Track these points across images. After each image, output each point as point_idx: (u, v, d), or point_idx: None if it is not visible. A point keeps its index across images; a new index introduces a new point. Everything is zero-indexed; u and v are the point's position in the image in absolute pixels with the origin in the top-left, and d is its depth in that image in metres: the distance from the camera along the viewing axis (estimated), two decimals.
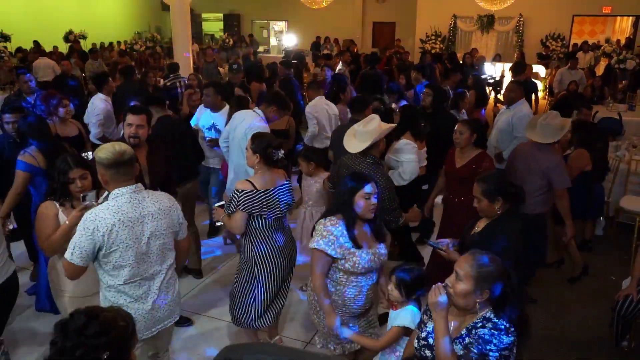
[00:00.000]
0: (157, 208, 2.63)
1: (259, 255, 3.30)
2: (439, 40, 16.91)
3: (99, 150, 2.60)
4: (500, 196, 2.90)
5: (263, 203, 3.18)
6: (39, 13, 16.81)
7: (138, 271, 2.60)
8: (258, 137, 3.28)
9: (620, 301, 3.72)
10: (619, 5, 14.89)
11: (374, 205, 2.73)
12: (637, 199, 5.63)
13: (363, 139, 3.63)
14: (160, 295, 2.71)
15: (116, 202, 2.52)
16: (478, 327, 2.07)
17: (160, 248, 2.67)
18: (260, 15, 21.71)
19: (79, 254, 2.45)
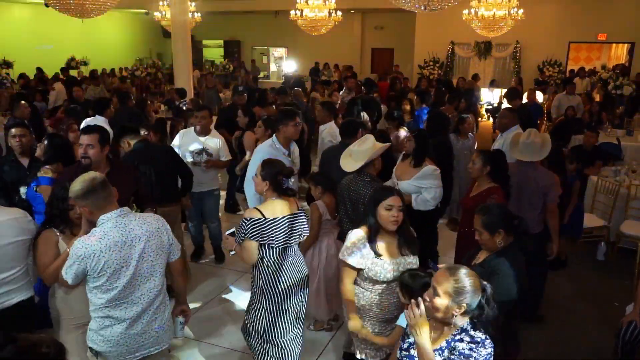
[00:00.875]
0: (144, 230, 2.65)
1: (267, 285, 3.17)
2: (437, 66, 17.10)
3: (72, 187, 2.61)
4: (502, 229, 2.81)
5: (273, 232, 3.07)
6: (41, 40, 17.03)
7: (125, 294, 2.60)
8: (268, 164, 3.21)
9: (623, 327, 3.68)
10: (614, 32, 15.12)
11: (395, 217, 2.82)
12: (637, 224, 5.63)
13: (358, 158, 3.71)
14: (148, 320, 2.70)
15: (102, 228, 2.57)
16: (457, 341, 2.14)
17: (149, 271, 2.67)
18: (260, 42, 22.01)
19: (72, 274, 2.57)
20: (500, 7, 11.15)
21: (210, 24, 18.05)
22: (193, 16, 13.15)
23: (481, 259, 2.92)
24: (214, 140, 5.36)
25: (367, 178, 3.73)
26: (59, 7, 7.48)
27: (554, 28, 15.41)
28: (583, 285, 5.27)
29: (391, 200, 2.83)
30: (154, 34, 21.33)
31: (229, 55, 21.80)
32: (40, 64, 15.31)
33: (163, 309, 2.79)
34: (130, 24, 21.32)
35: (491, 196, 3.91)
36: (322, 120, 6.31)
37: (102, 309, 2.61)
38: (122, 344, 2.64)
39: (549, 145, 4.29)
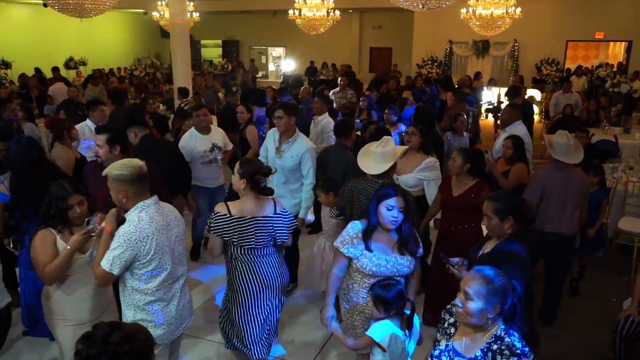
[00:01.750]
0: (175, 216, 2.87)
1: (236, 280, 3.17)
2: (435, 65, 17.14)
3: (114, 169, 2.67)
4: (512, 215, 2.89)
5: (235, 230, 3.04)
6: (40, 40, 17.03)
7: (171, 274, 2.76)
8: (246, 162, 3.17)
9: (621, 322, 3.71)
10: (611, 30, 15.18)
11: (395, 218, 2.82)
12: (635, 220, 5.65)
13: (384, 160, 3.61)
14: (182, 296, 2.89)
15: (147, 213, 2.65)
16: (494, 351, 2.07)
17: (182, 252, 2.88)
18: (258, 42, 22.02)
19: (118, 264, 2.56)
20: (498, 5, 11.20)
21: (209, 23, 18.08)
22: (191, 16, 13.17)
23: (489, 248, 2.96)
24: (218, 134, 5.49)
25: (386, 181, 3.61)
26: (58, 7, 7.49)
27: (552, 26, 15.46)
28: (582, 281, 5.30)
29: (393, 201, 2.82)
30: (153, 33, 21.35)
31: (228, 55, 21.82)
32: (39, 65, 15.31)
33: (186, 284, 2.99)
34: (129, 24, 21.33)
35: (483, 190, 3.94)
36: (318, 111, 6.53)
37: (153, 294, 2.69)
38: (172, 322, 2.80)
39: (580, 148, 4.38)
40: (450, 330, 2.29)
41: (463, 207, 4.03)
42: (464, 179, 4.07)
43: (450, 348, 2.23)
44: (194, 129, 5.41)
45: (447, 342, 2.25)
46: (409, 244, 2.92)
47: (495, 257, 2.82)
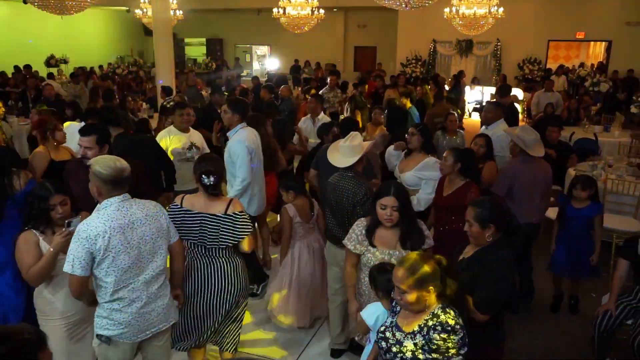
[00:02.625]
0: (144, 214, 2.77)
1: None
2: (419, 64, 17.24)
3: (96, 162, 2.69)
4: (493, 223, 2.79)
5: (183, 223, 3.16)
6: (19, 38, 16.75)
7: (130, 275, 2.70)
8: (201, 159, 3.31)
9: (599, 317, 3.78)
10: (591, 31, 15.41)
11: (389, 217, 2.98)
12: (614, 217, 5.75)
13: (351, 154, 3.74)
14: (154, 298, 2.81)
15: (105, 211, 2.65)
16: (430, 328, 2.27)
17: (151, 252, 2.78)
18: (242, 40, 21.93)
19: (78, 264, 2.56)
20: (481, 5, 11.28)
21: (193, 21, 17.96)
22: (175, 14, 13.06)
23: (470, 254, 2.91)
24: (196, 135, 5.48)
25: (350, 174, 3.76)
26: (37, 4, 7.39)
27: (534, 26, 15.65)
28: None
29: (385, 200, 2.98)
30: (135, 31, 21.14)
31: (212, 53, 21.69)
32: (19, 62, 15.07)
33: (165, 287, 2.92)
34: (111, 22, 21.08)
35: (470, 191, 3.98)
36: (313, 111, 6.51)
37: (111, 293, 2.67)
38: (134, 324, 2.75)
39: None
40: (397, 308, 2.47)
41: (451, 207, 4.06)
42: (454, 179, 4.10)
43: (394, 324, 2.40)
44: (172, 127, 5.37)
45: (392, 319, 2.44)
46: (410, 239, 3.04)
47: (474, 264, 2.81)
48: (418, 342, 2.28)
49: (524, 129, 4.63)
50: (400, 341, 2.32)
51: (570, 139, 8.27)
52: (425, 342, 2.26)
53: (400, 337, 2.33)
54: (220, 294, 3.23)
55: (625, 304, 3.72)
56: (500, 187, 4.47)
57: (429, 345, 2.24)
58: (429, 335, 2.26)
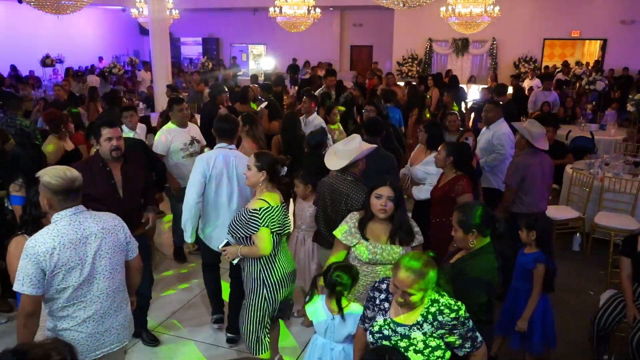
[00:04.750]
0: (100, 227, 2.59)
1: (262, 271, 3.30)
2: (416, 63, 17.25)
3: (45, 173, 2.50)
4: (476, 229, 2.73)
5: (278, 219, 3.27)
6: (14, 37, 16.68)
7: (82, 292, 2.54)
8: (262, 155, 3.34)
9: (598, 314, 3.80)
10: (587, 29, 15.47)
11: (383, 207, 2.96)
12: (611, 215, 5.79)
13: (343, 157, 3.67)
14: (109, 317, 2.66)
15: (55, 225, 2.49)
16: (434, 314, 2.30)
17: (108, 269, 2.61)
18: (239, 39, 21.89)
19: (28, 282, 2.39)
20: (477, 4, 11.32)
21: (189, 21, 17.92)
22: (171, 13, 13.04)
23: (456, 259, 2.89)
24: (195, 128, 5.52)
25: (350, 177, 3.69)
26: (34, 3, 7.35)
27: (529, 25, 15.69)
28: (559, 276, 5.35)
29: (381, 190, 2.98)
30: (131, 30, 21.08)
31: (208, 52, 21.64)
32: (14, 62, 15.02)
33: (124, 306, 2.76)
34: (107, 21, 21.01)
35: (458, 184, 4.03)
36: (307, 110, 6.49)
37: (59, 310, 2.53)
38: (83, 343, 2.57)
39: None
40: (384, 305, 2.44)
41: (441, 199, 4.12)
42: (447, 172, 4.17)
43: (390, 321, 2.38)
44: (170, 123, 5.33)
45: (384, 317, 2.41)
46: (400, 233, 3.03)
47: (457, 270, 2.78)
48: (427, 330, 2.29)
49: (531, 122, 4.80)
50: (406, 335, 2.31)
51: (567, 138, 8.30)
52: (436, 328, 2.28)
53: (404, 331, 2.32)
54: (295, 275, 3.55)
55: (623, 301, 3.73)
56: (513, 179, 4.62)
57: (445, 329, 2.28)
58: (438, 321, 2.28)
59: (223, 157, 3.88)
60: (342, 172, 3.70)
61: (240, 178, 3.82)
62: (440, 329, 2.29)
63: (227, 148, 3.96)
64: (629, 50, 14.76)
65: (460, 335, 2.31)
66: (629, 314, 3.61)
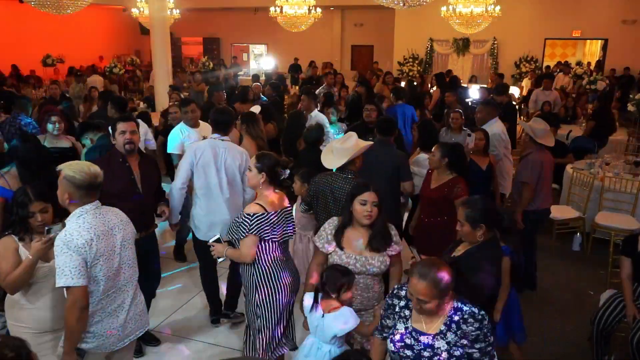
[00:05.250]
0: (119, 220, 2.73)
1: (261, 279, 3.11)
2: (416, 62, 17.24)
3: (68, 168, 2.57)
4: (484, 223, 2.77)
5: (273, 226, 3.07)
6: (16, 37, 16.69)
7: (114, 283, 2.64)
8: (263, 156, 3.19)
9: (598, 314, 3.80)
10: (588, 29, 15.45)
11: (369, 212, 2.89)
12: (611, 215, 5.78)
13: (341, 156, 3.68)
14: (132, 306, 2.77)
15: (84, 219, 2.56)
16: (458, 323, 2.24)
17: (131, 258, 2.75)
18: (239, 39, 21.90)
19: (78, 273, 2.44)
20: (478, 4, 11.31)
21: (190, 20, 17.92)
22: (172, 13, 13.05)
23: (462, 251, 2.89)
24: (207, 128, 5.37)
25: (350, 175, 3.70)
26: (34, 3, 7.36)
27: (530, 25, 15.68)
28: (560, 275, 5.40)
29: (366, 196, 2.90)
30: (132, 30, 21.09)
31: (209, 52, 21.65)
32: (15, 62, 15.03)
33: (139, 293, 2.88)
34: (108, 21, 21.02)
35: (457, 186, 4.03)
36: (307, 108, 6.54)
37: (97, 303, 2.59)
38: (115, 334, 2.68)
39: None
40: (404, 312, 2.38)
41: (436, 200, 4.13)
42: (442, 173, 4.15)
43: (411, 329, 2.31)
44: (182, 123, 5.33)
45: (405, 325, 2.34)
46: (376, 241, 2.96)
47: (464, 262, 2.77)
48: (450, 340, 2.24)
49: (535, 120, 4.94)
50: (429, 344, 2.25)
51: (568, 138, 8.30)
52: (459, 337, 2.23)
53: (427, 340, 2.26)
54: (297, 283, 3.29)
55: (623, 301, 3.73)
56: (533, 177, 4.68)
57: (468, 338, 2.23)
58: (462, 330, 2.23)
59: (211, 147, 4.00)
60: (341, 170, 3.71)
61: (228, 168, 4.00)
62: (464, 338, 2.23)
63: (219, 139, 4.07)
64: (630, 50, 14.75)
65: (480, 350, 2.24)
66: (629, 314, 3.61)
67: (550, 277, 5.32)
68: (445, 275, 2.19)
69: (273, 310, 3.14)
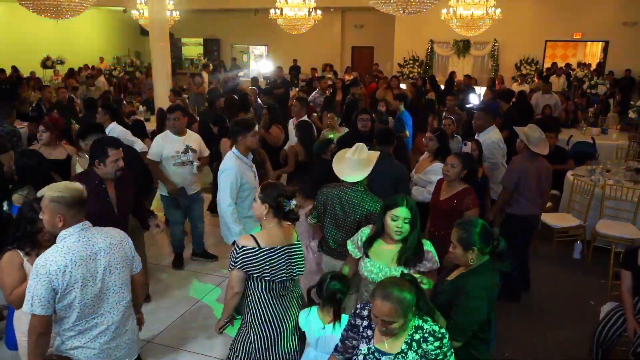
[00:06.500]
0: (108, 243, 2.61)
1: (254, 320, 2.90)
2: (417, 64, 17.20)
3: (50, 190, 2.50)
4: (476, 247, 2.69)
5: (265, 263, 2.80)
6: (14, 38, 16.64)
7: (93, 309, 2.55)
8: (268, 187, 2.95)
9: (599, 328, 3.77)
10: (588, 31, 15.40)
11: (399, 229, 2.88)
12: (612, 223, 5.75)
13: (360, 168, 3.59)
14: (120, 333, 2.68)
15: (64, 243, 2.48)
16: (419, 341, 2.27)
17: (118, 283, 2.64)
18: (239, 40, 21.84)
19: (38, 302, 2.37)
20: (478, 6, 11.26)
21: (189, 21, 17.86)
22: (171, 14, 12.99)
23: (454, 276, 2.84)
24: (193, 137, 5.42)
25: (361, 188, 3.64)
26: (32, 8, 7.32)
27: (531, 27, 15.62)
28: (560, 284, 5.38)
29: (398, 211, 2.87)
30: (132, 31, 21.02)
31: (209, 53, 21.61)
32: (15, 63, 14.98)
33: (132, 319, 2.79)
34: (108, 22, 20.97)
35: (468, 197, 3.99)
36: (298, 115, 6.57)
37: (71, 329, 2.52)
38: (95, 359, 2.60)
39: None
40: (367, 332, 2.39)
41: (446, 211, 4.06)
42: (454, 184, 4.10)
43: (374, 350, 2.33)
44: (168, 130, 5.34)
45: (367, 345, 2.35)
46: (406, 256, 2.92)
47: (454, 288, 2.74)
48: (412, 358, 2.26)
49: (531, 127, 4.90)
50: None
51: (568, 143, 8.26)
52: (420, 357, 2.24)
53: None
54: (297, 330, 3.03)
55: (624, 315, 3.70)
56: (509, 181, 4.76)
57: (427, 358, 2.24)
58: (422, 349, 2.25)
59: None
60: (353, 183, 3.63)
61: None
62: (424, 357, 2.24)
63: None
64: (631, 52, 14.68)
65: None
66: (629, 328, 3.58)
67: (550, 286, 5.29)
68: (407, 292, 2.20)
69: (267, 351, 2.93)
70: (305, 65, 17.61)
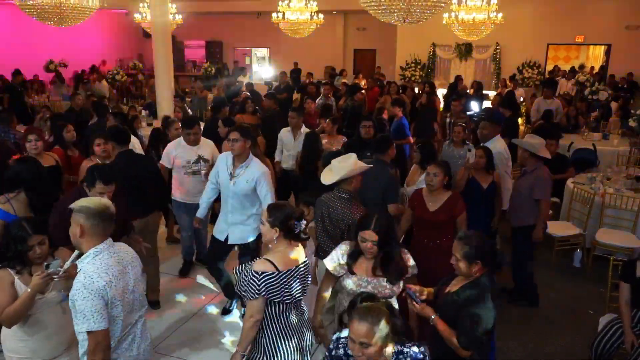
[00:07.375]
0: (130, 257, 2.72)
1: (269, 343, 2.85)
2: (419, 67, 17.21)
3: (80, 201, 2.58)
4: (480, 260, 2.79)
5: (285, 286, 2.77)
6: (19, 41, 16.69)
7: (128, 321, 2.64)
8: (275, 208, 2.88)
9: (597, 339, 3.79)
10: (591, 34, 15.39)
11: (369, 249, 2.93)
12: (611, 232, 5.75)
13: (337, 173, 3.72)
14: (142, 340, 2.77)
15: (101, 260, 2.51)
16: None
17: (142, 294, 2.76)
18: (242, 43, 21.89)
19: (100, 317, 2.41)
20: (480, 10, 11.26)
21: (192, 24, 17.89)
22: (174, 18, 13.03)
23: (457, 287, 2.89)
24: (207, 146, 5.45)
25: (344, 195, 3.75)
26: (36, 16, 7.37)
27: (533, 30, 15.62)
28: (560, 292, 5.39)
29: (365, 234, 2.92)
30: (134, 34, 21.07)
31: (211, 55, 21.65)
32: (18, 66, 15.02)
33: (147, 328, 2.87)
34: (110, 25, 21.02)
35: (458, 202, 4.10)
36: (295, 126, 6.51)
37: (115, 345, 2.57)
38: None
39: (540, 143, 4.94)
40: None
41: (442, 222, 4.08)
42: (439, 193, 4.13)
43: None
44: (181, 139, 5.37)
45: None
46: (387, 271, 3.00)
47: (461, 299, 2.80)
48: None
49: (530, 136, 5.08)
50: None
51: (569, 149, 8.26)
52: None
53: None
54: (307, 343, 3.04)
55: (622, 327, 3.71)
56: (547, 192, 4.83)
57: None
58: None
59: None
60: (337, 189, 3.77)
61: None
62: None
63: None
64: (633, 56, 14.67)
65: None
66: (627, 341, 3.60)
67: (550, 294, 5.31)
68: (384, 321, 2.17)
69: None
70: (307, 68, 17.62)
